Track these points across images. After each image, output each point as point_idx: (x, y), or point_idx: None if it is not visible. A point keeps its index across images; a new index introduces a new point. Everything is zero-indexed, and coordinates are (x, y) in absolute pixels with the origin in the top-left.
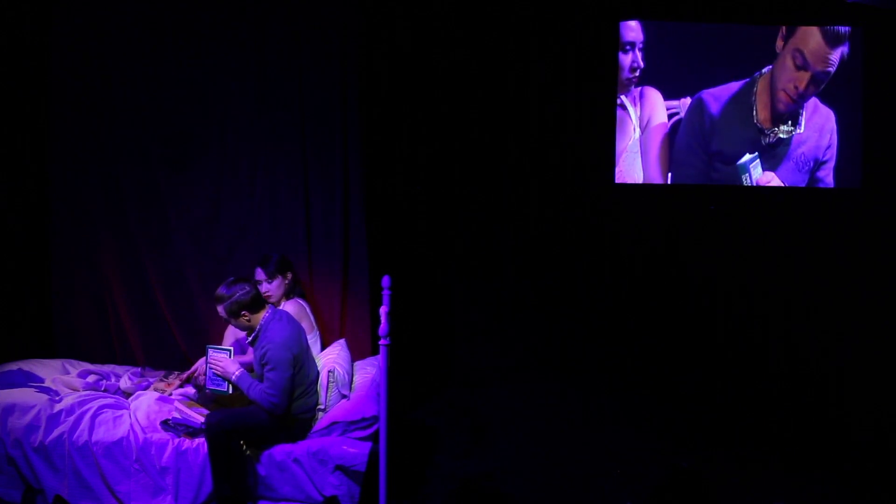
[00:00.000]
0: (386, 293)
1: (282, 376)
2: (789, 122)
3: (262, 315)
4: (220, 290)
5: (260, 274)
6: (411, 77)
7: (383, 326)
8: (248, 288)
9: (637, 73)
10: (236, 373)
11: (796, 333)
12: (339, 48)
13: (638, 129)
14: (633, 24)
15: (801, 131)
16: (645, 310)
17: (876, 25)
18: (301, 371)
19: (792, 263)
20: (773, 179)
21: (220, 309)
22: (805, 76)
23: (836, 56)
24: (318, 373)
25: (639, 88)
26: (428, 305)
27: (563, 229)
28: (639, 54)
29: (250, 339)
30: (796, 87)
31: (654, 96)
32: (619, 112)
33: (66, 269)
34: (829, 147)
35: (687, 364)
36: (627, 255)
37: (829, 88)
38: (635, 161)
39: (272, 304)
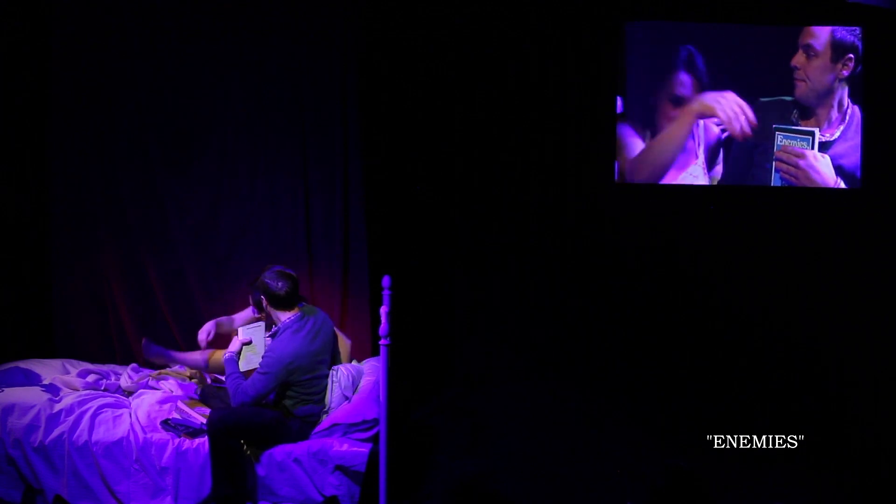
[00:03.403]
0: (386, 293)
1: (265, 386)
2: (824, 125)
3: (287, 315)
4: (263, 276)
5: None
6: (411, 77)
7: (383, 326)
8: (281, 283)
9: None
10: (227, 354)
11: (797, 333)
12: (338, 49)
13: (702, 157)
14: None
15: (835, 137)
16: (645, 310)
17: (876, 25)
18: (310, 380)
19: (792, 263)
20: (825, 159)
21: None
22: (816, 64)
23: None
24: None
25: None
26: (428, 305)
27: (564, 229)
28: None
29: (269, 334)
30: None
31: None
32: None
33: (66, 269)
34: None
35: (687, 364)
36: (627, 255)
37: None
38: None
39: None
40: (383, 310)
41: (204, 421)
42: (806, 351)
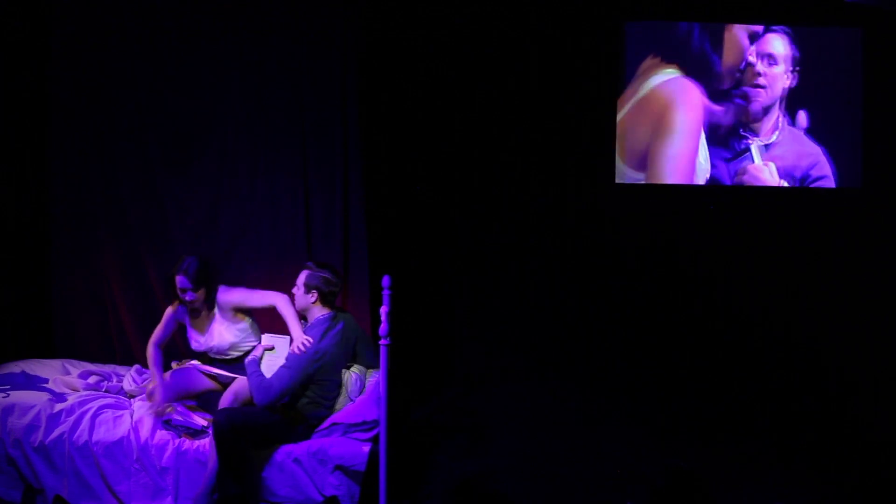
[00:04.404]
0: (386, 293)
1: (291, 378)
2: (763, 131)
3: (323, 312)
4: (310, 264)
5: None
6: (411, 77)
7: (383, 326)
8: (337, 280)
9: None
10: (249, 357)
11: (796, 334)
12: (339, 49)
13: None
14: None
15: (772, 140)
16: (645, 310)
17: (876, 25)
18: (328, 382)
19: (792, 263)
20: (768, 168)
21: (303, 274)
22: (776, 72)
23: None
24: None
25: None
26: (428, 305)
27: (564, 229)
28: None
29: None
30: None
31: None
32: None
33: (66, 269)
34: (809, 169)
35: (687, 364)
36: (627, 255)
37: (827, 90)
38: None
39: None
40: (383, 310)
41: (205, 423)
42: (806, 351)
